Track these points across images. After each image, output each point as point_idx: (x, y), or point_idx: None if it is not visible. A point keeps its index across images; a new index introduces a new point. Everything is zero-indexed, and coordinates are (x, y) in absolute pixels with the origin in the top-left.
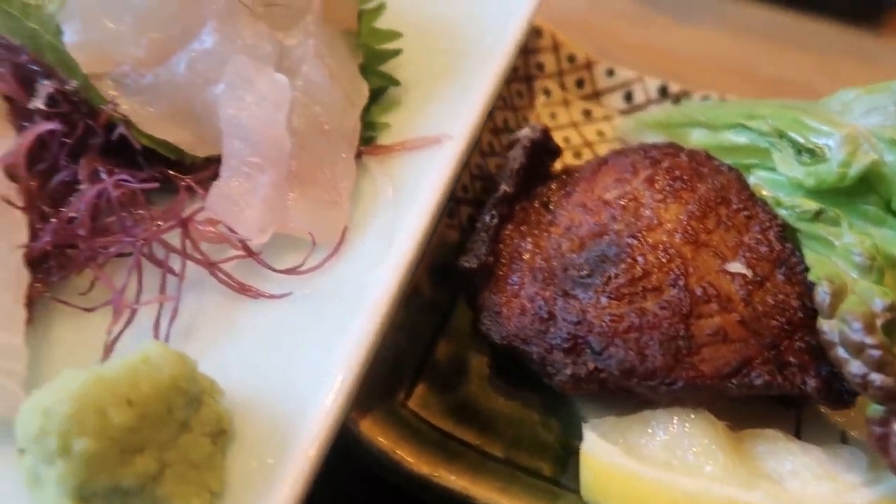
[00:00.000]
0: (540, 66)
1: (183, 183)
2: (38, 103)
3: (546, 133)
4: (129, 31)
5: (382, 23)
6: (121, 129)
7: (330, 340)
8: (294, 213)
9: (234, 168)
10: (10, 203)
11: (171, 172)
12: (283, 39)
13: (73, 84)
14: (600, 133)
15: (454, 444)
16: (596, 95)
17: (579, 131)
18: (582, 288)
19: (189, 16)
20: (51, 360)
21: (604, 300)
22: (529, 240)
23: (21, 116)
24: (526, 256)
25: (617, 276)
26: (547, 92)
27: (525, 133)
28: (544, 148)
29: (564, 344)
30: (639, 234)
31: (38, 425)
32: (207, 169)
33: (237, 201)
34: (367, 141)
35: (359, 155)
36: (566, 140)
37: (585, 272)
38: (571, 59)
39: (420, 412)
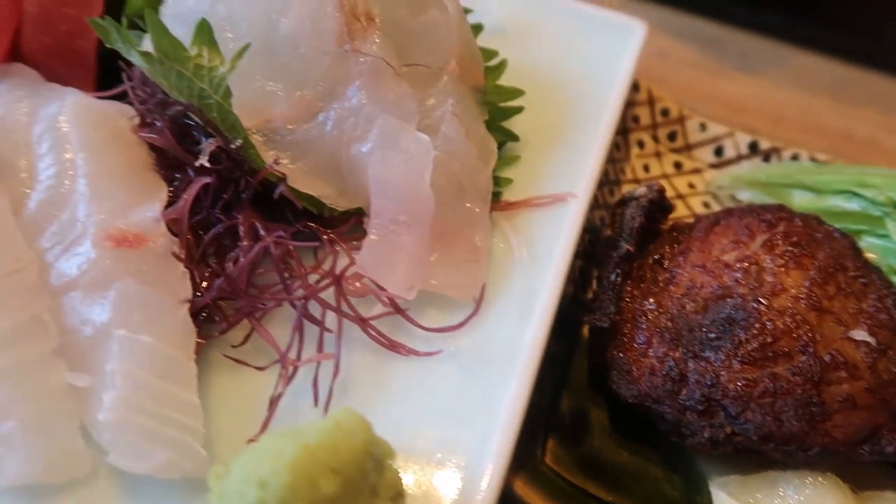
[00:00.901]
0: (636, 119)
1: (327, 237)
2: (203, 160)
3: (662, 192)
4: (280, 89)
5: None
6: (282, 189)
7: (485, 400)
8: (436, 271)
9: (382, 226)
10: (176, 257)
11: (315, 226)
12: (424, 99)
13: (237, 143)
14: (691, 185)
15: (592, 501)
16: (687, 148)
17: (671, 183)
18: (712, 350)
19: (337, 74)
20: (210, 415)
21: (736, 364)
22: (651, 298)
23: (171, 168)
24: (650, 315)
25: (747, 340)
26: (641, 144)
27: (642, 192)
28: (659, 206)
29: (699, 406)
30: (764, 300)
31: (257, 497)
32: (347, 222)
33: (386, 259)
34: (494, 197)
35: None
36: None
37: (714, 335)
38: (665, 112)
39: (556, 468)
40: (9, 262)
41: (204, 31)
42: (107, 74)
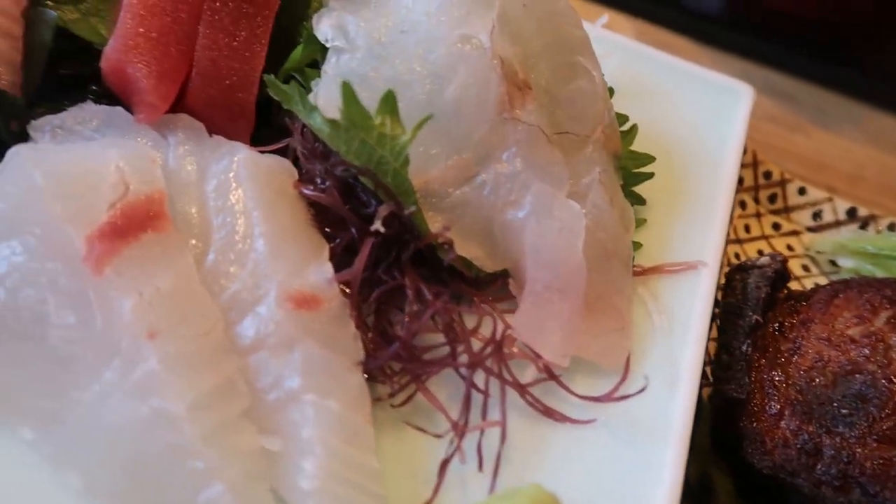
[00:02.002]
0: (740, 180)
1: (482, 300)
2: (378, 225)
3: (785, 263)
4: (440, 152)
5: None
6: (452, 256)
7: (643, 472)
8: (585, 338)
9: (537, 293)
10: (352, 319)
11: (468, 288)
12: (572, 166)
13: (410, 209)
14: (790, 247)
15: None
16: (786, 210)
17: (770, 243)
18: (846, 426)
19: (494, 139)
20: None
21: (871, 441)
22: (779, 370)
23: (330, 225)
24: (780, 386)
25: (881, 419)
26: (743, 204)
27: (766, 262)
28: (780, 276)
29: (835, 482)
30: (894, 378)
31: None
32: (494, 284)
33: (541, 325)
34: None
35: None
36: (760, 252)
37: (846, 410)
38: (767, 175)
39: None
40: (201, 323)
41: (389, 102)
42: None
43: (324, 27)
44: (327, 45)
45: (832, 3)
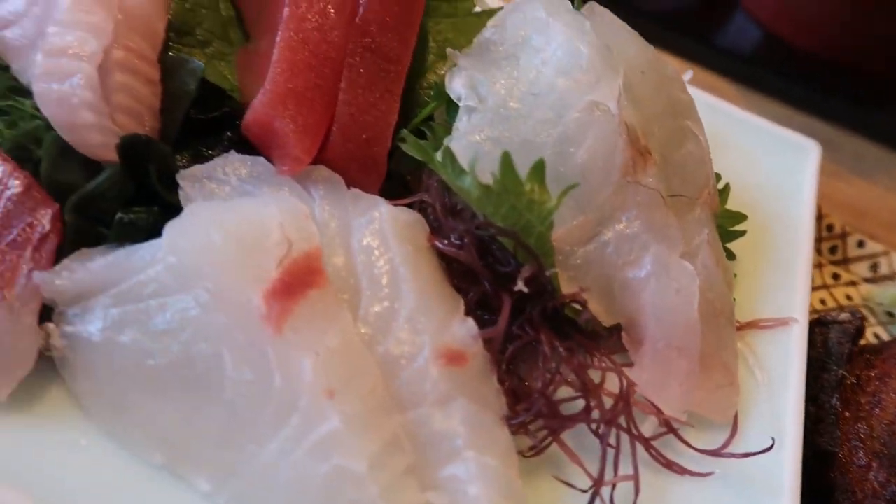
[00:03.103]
0: None
1: (602, 354)
2: (521, 286)
3: (863, 320)
4: (566, 212)
5: None
6: (586, 315)
7: None
8: (699, 394)
9: (658, 350)
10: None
11: (590, 343)
12: (683, 227)
13: (551, 271)
14: (848, 297)
15: None
16: (845, 262)
17: (830, 293)
18: None
19: (616, 202)
20: None
21: None
22: (863, 423)
23: (460, 279)
24: (866, 439)
25: None
26: None
27: (846, 318)
28: (858, 332)
29: None
30: None
31: None
32: (609, 339)
33: (661, 381)
34: None
35: None
36: (822, 302)
37: None
38: (830, 228)
39: None
40: (367, 380)
41: (538, 170)
42: None
43: (456, 86)
44: (459, 104)
45: (862, 49)
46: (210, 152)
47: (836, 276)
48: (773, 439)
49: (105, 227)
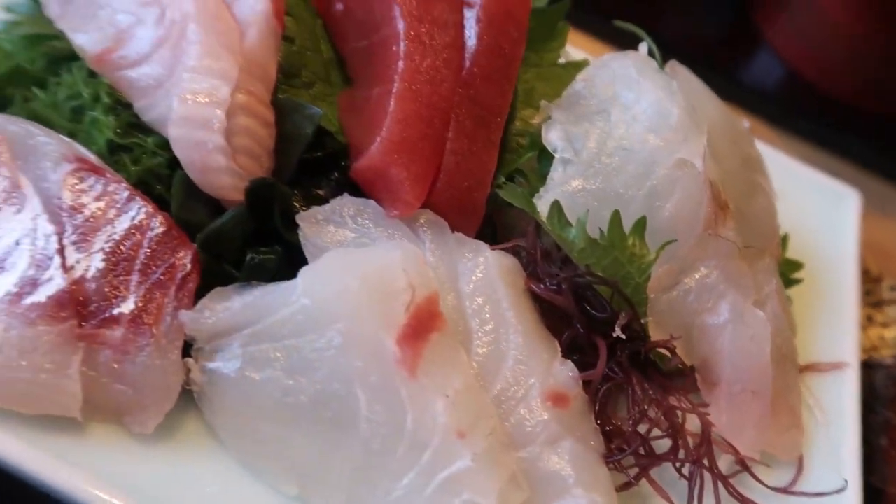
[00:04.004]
0: None
1: (681, 395)
2: (619, 332)
3: None
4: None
5: None
6: (676, 361)
7: None
8: (769, 434)
9: (735, 394)
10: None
11: (669, 384)
12: (754, 276)
13: (647, 319)
14: (881, 338)
15: None
16: (878, 304)
17: (865, 333)
18: None
19: (697, 252)
20: None
21: None
22: None
23: (553, 322)
24: None
25: None
26: None
27: (890, 362)
28: None
29: None
30: None
31: None
32: (685, 379)
33: (738, 423)
34: None
35: None
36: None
37: None
38: (866, 272)
39: None
40: (489, 421)
41: (640, 226)
42: None
43: (553, 138)
44: (555, 155)
45: (885, 93)
46: (320, 192)
47: (869, 318)
48: (846, 480)
49: (227, 263)
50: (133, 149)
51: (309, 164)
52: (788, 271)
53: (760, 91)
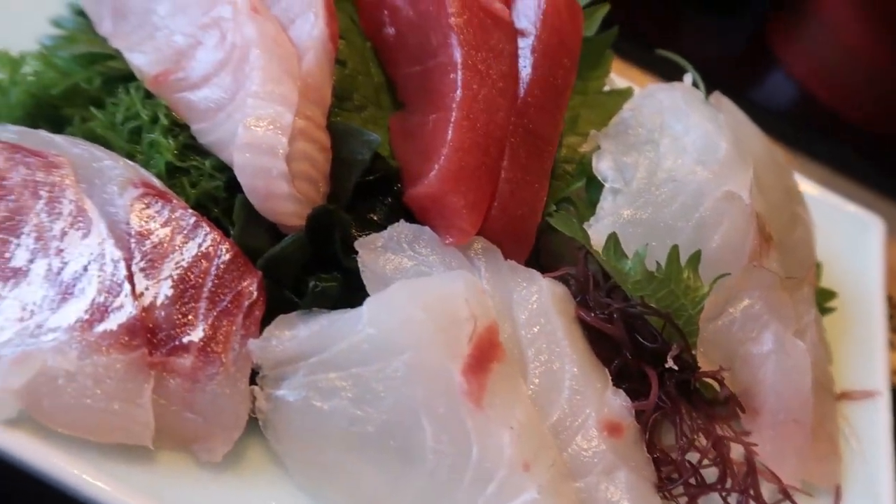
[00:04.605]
0: None
1: (724, 423)
2: (671, 363)
3: None
4: None
5: None
6: (725, 392)
7: None
8: (809, 463)
9: (779, 423)
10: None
11: (709, 410)
12: (794, 307)
13: (699, 350)
14: None
15: None
16: None
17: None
18: None
19: (742, 283)
20: None
21: None
22: None
23: (608, 351)
24: None
25: None
26: None
27: None
28: None
29: None
30: None
31: None
32: (727, 407)
33: (782, 452)
34: None
35: None
36: None
37: None
38: (889, 299)
39: None
40: (550, 452)
41: (695, 260)
42: None
43: (603, 168)
44: (605, 184)
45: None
46: (374, 217)
47: (892, 344)
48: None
49: (285, 288)
50: (191, 171)
51: (361, 187)
52: (822, 300)
53: (775, 112)
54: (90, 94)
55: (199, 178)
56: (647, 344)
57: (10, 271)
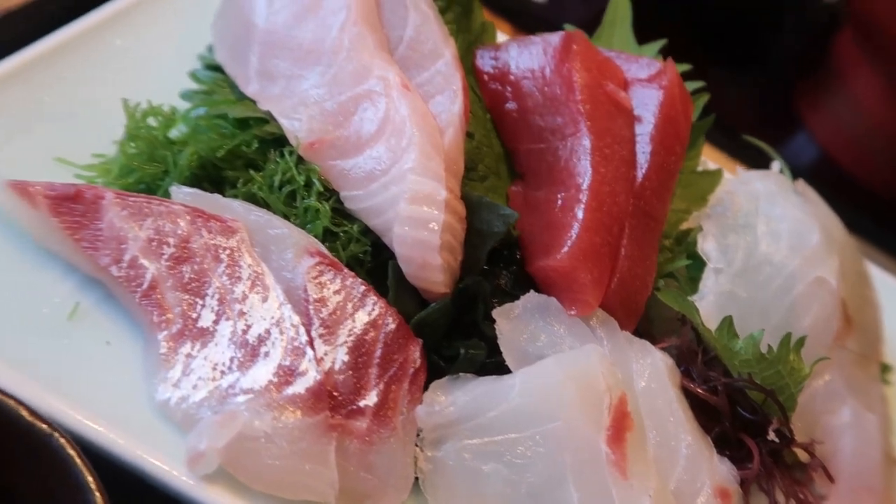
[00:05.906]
0: None
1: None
2: (773, 436)
3: None
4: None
5: None
6: (817, 463)
7: None
8: None
9: (854, 490)
10: None
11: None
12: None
13: (795, 425)
14: None
15: None
16: None
17: None
18: None
19: (825, 363)
20: None
21: None
22: None
23: (707, 419)
24: None
25: None
26: None
27: None
28: None
29: None
30: None
31: None
32: (804, 473)
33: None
34: None
35: None
36: None
37: None
38: None
39: None
40: None
41: (800, 344)
42: None
43: (708, 249)
44: (709, 264)
45: None
46: (502, 284)
47: None
48: None
49: (430, 352)
50: (341, 235)
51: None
52: (883, 374)
53: (797, 175)
54: (248, 156)
55: (347, 241)
56: (746, 415)
57: (199, 331)
